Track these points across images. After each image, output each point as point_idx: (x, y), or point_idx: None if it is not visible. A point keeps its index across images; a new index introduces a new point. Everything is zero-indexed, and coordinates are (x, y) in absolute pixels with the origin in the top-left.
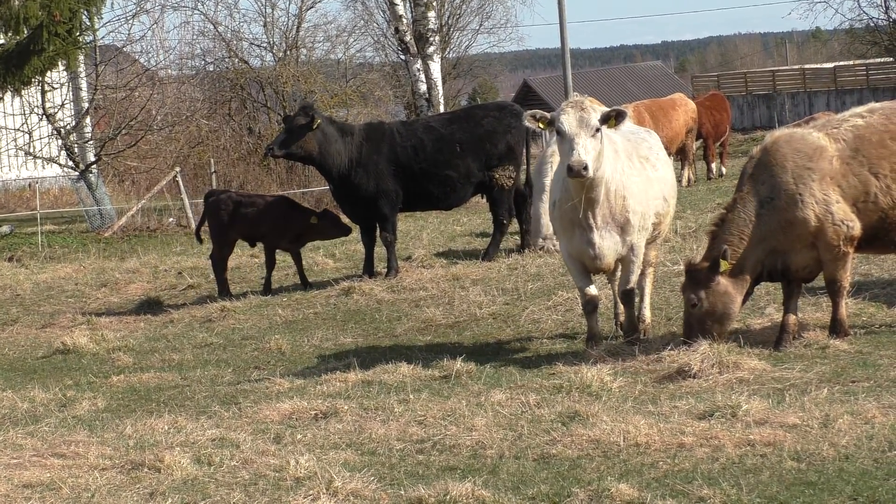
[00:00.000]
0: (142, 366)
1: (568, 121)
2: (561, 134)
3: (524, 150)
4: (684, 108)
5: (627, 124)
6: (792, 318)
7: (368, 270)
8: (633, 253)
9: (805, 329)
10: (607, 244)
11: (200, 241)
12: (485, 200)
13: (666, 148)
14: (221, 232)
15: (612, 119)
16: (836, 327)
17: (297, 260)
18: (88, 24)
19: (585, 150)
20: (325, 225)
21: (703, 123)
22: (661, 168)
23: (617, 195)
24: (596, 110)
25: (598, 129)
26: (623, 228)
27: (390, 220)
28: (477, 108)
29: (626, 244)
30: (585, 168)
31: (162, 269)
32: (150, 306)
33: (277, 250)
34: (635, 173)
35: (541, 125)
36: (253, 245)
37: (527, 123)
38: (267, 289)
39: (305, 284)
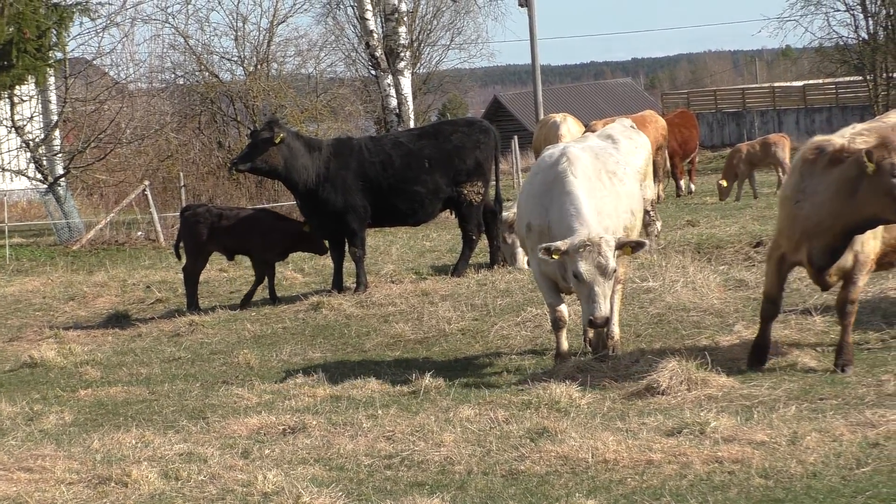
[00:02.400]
0: (109, 380)
1: (585, 267)
2: (578, 278)
3: (493, 167)
4: (654, 125)
5: (595, 140)
6: None
7: (337, 285)
8: None
9: (774, 346)
10: None
11: (179, 257)
12: (454, 216)
13: None
14: (199, 245)
15: (629, 248)
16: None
17: (271, 275)
18: (57, 41)
19: (605, 298)
20: (315, 234)
21: (669, 141)
22: (629, 181)
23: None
24: (611, 246)
25: (615, 270)
26: None
27: (359, 235)
28: (446, 123)
29: None
30: (606, 322)
31: (130, 283)
32: (118, 320)
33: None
34: (606, 192)
35: (554, 257)
36: (231, 258)
37: (541, 255)
38: (273, 298)
39: (274, 299)
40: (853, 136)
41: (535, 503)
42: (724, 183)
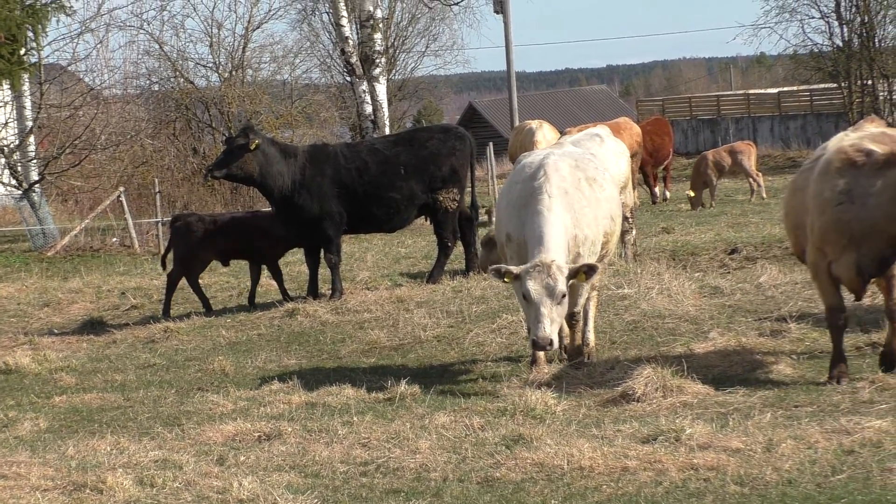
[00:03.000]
0: (84, 386)
1: (534, 287)
2: (527, 299)
3: (469, 173)
4: (629, 132)
5: (571, 147)
6: None
7: (313, 292)
8: None
9: (750, 353)
10: None
11: (165, 267)
12: (429, 223)
13: None
14: (192, 253)
15: (582, 273)
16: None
17: (256, 278)
18: (34, 43)
19: (551, 321)
20: None
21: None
22: (608, 187)
23: (567, 232)
24: (563, 272)
25: (564, 295)
26: (573, 259)
27: (334, 241)
28: (421, 130)
29: None
30: (551, 343)
31: (105, 290)
32: (93, 326)
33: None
34: (585, 200)
35: (506, 280)
36: (226, 264)
37: (492, 276)
38: (285, 295)
39: (252, 303)
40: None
41: None
42: (693, 193)
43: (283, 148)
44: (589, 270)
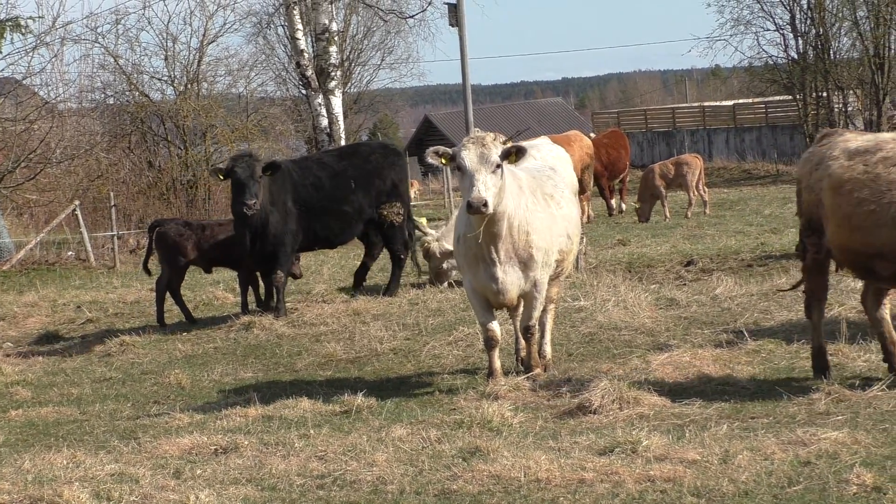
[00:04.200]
0: (40, 400)
1: (469, 157)
2: (461, 170)
3: (407, 189)
4: (580, 144)
5: (531, 161)
6: None
7: (266, 305)
8: (536, 289)
9: (707, 365)
10: (510, 279)
11: (149, 273)
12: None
13: None
14: (177, 258)
15: (513, 155)
16: None
17: (246, 285)
18: None
19: (486, 186)
20: None
21: (595, 160)
22: (566, 206)
23: (520, 231)
24: (497, 146)
25: (498, 166)
26: (526, 264)
27: (289, 259)
28: (362, 145)
29: (530, 280)
30: (485, 205)
31: (61, 303)
32: (49, 340)
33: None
34: (539, 210)
35: (443, 161)
36: (209, 271)
37: (429, 160)
38: (244, 308)
39: (267, 307)
40: None
41: None
42: (639, 204)
43: None
44: (518, 152)
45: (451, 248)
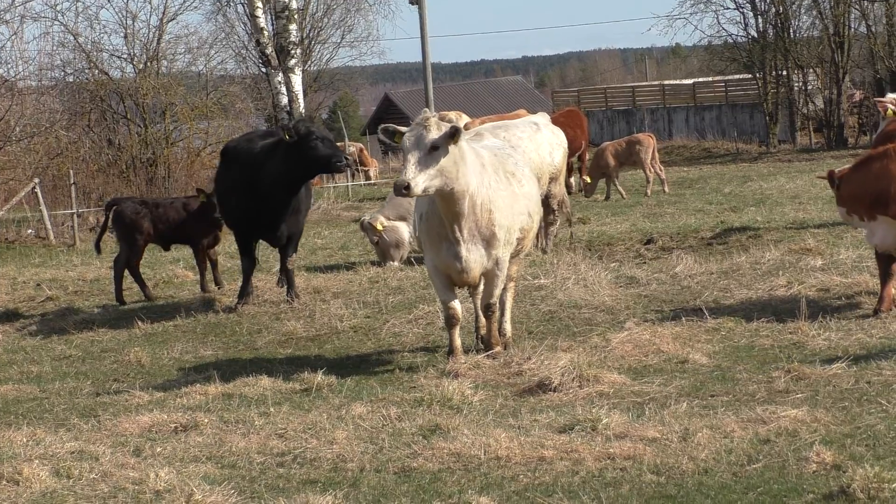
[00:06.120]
0: (0, 378)
1: (406, 138)
2: (403, 149)
3: None
4: None
5: (492, 140)
6: None
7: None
8: (497, 267)
9: (666, 343)
10: (474, 257)
11: (99, 251)
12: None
13: None
14: (133, 236)
15: (456, 136)
16: None
17: (204, 264)
18: None
19: (416, 168)
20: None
21: None
22: (527, 184)
23: (483, 208)
24: (440, 127)
25: (434, 147)
26: (489, 242)
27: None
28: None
29: (492, 258)
30: (406, 187)
31: (20, 281)
32: (8, 318)
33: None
34: (502, 188)
35: (396, 140)
36: (167, 249)
37: (381, 136)
38: (203, 287)
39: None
40: None
41: (428, 500)
42: (589, 179)
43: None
44: (454, 134)
45: (392, 222)
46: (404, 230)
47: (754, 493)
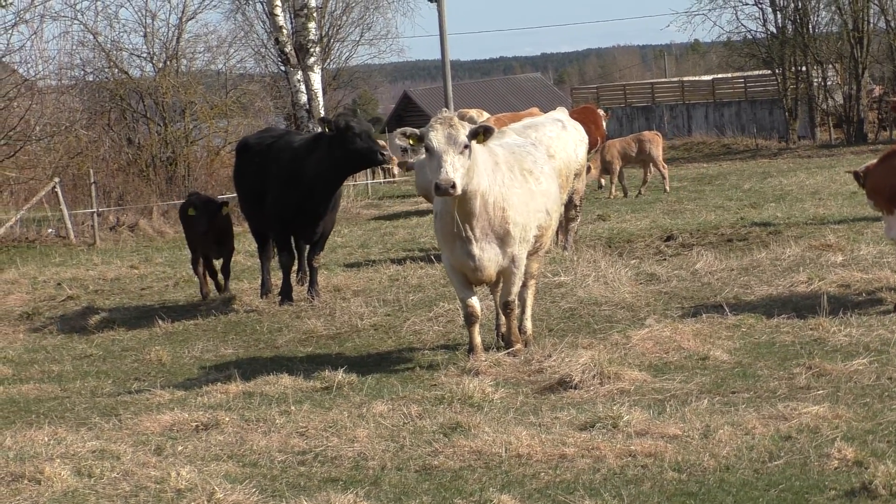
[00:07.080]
0: (21, 377)
1: (436, 138)
2: (429, 151)
3: None
4: None
5: (513, 137)
6: None
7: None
8: (514, 265)
9: (687, 340)
10: (487, 256)
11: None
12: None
13: None
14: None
15: (481, 135)
16: None
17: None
18: None
19: (454, 167)
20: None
21: None
22: (545, 181)
23: (496, 207)
24: (465, 126)
25: (466, 146)
26: (503, 240)
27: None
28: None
29: (507, 256)
30: (453, 186)
31: (41, 281)
32: (29, 318)
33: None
34: (517, 185)
35: (411, 142)
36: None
37: (397, 141)
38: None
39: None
40: None
41: (449, 498)
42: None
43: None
44: (486, 132)
45: None
46: None
47: (776, 489)
